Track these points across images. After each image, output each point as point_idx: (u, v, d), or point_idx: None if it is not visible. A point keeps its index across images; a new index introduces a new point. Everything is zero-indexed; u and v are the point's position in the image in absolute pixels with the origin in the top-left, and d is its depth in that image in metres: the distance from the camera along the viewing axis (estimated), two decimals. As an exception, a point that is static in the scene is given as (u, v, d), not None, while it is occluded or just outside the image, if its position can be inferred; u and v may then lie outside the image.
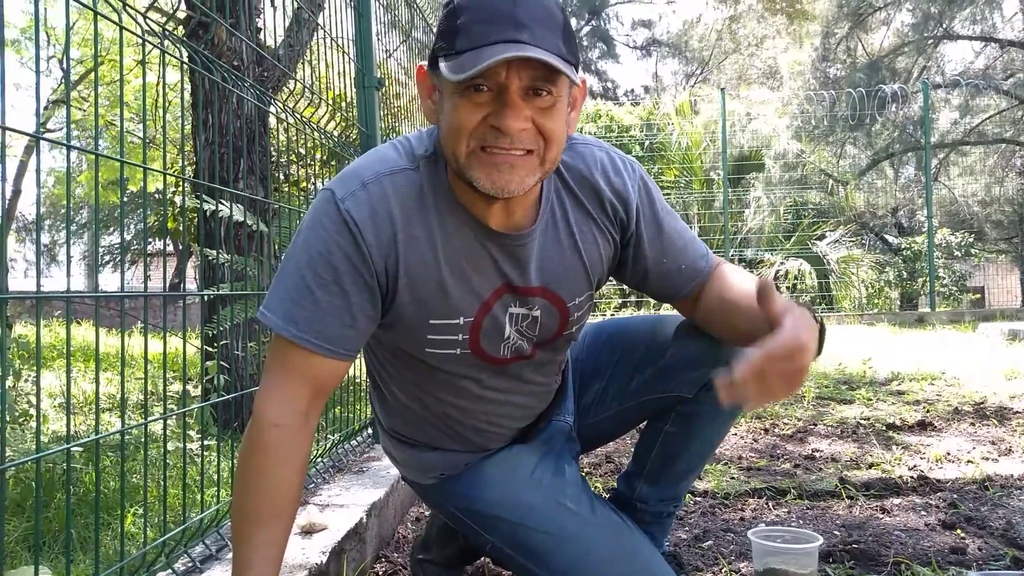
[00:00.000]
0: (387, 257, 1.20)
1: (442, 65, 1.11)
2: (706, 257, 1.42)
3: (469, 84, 1.09)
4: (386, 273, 1.21)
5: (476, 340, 1.31)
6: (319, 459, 2.25)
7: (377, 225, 1.19)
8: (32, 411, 3.11)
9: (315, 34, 3.24)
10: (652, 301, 11.46)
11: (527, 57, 1.05)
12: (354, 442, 2.56)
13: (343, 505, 1.92)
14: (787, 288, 11.72)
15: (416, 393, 1.42)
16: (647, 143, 13.95)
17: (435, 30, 1.18)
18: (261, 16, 3.35)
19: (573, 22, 31.52)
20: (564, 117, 1.16)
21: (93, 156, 1.39)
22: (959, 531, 2.02)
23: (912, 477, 2.54)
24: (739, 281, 1.36)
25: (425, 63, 1.20)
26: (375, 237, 1.18)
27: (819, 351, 1.15)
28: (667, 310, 1.55)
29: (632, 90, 31.22)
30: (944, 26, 14.00)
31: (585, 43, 31.45)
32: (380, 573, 1.86)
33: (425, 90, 1.21)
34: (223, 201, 2.15)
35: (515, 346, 1.35)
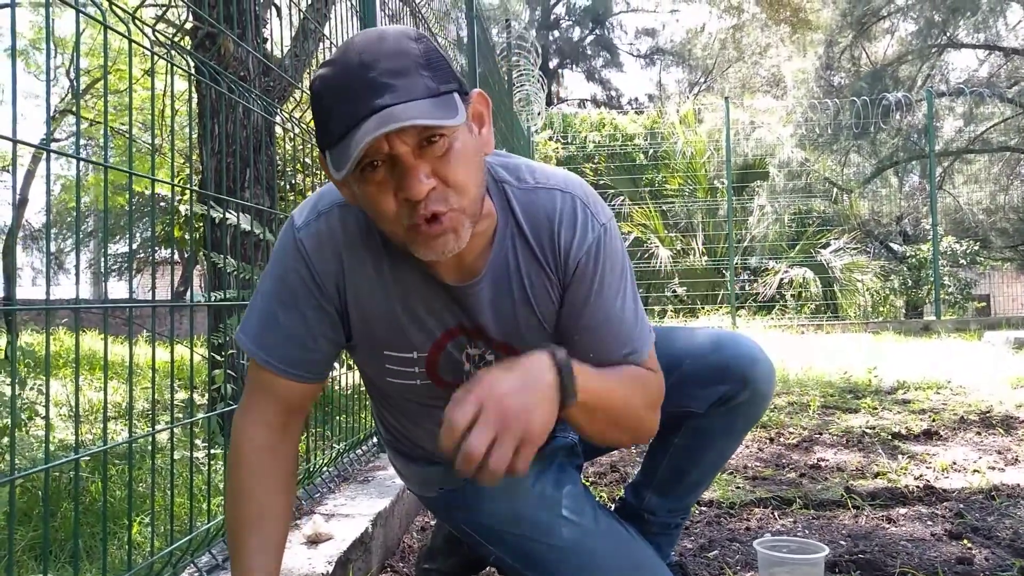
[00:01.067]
0: (337, 286, 1.23)
1: (328, 163, 1.05)
2: (619, 355, 1.24)
3: (362, 167, 1.03)
4: (339, 299, 1.24)
5: (434, 372, 1.30)
6: (325, 468, 2.25)
7: (324, 256, 1.21)
8: (34, 416, 3.12)
9: (321, 44, 3.26)
10: (656, 309, 11.51)
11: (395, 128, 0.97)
12: (359, 451, 2.56)
13: (349, 515, 1.92)
14: (792, 296, 11.71)
15: (399, 416, 1.44)
16: (651, 152, 13.96)
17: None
18: (267, 27, 3.37)
19: (576, 31, 31.66)
20: (468, 152, 1.06)
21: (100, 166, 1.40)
22: (966, 541, 2.01)
23: (918, 487, 2.54)
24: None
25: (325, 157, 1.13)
26: (323, 267, 1.21)
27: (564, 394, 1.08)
28: (675, 320, 1.54)
29: (636, 99, 31.31)
30: (948, 34, 14.00)
31: (589, 52, 31.52)
32: (385, 583, 1.86)
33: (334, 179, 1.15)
34: (230, 211, 2.16)
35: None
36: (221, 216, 2.09)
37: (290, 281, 1.21)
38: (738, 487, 2.63)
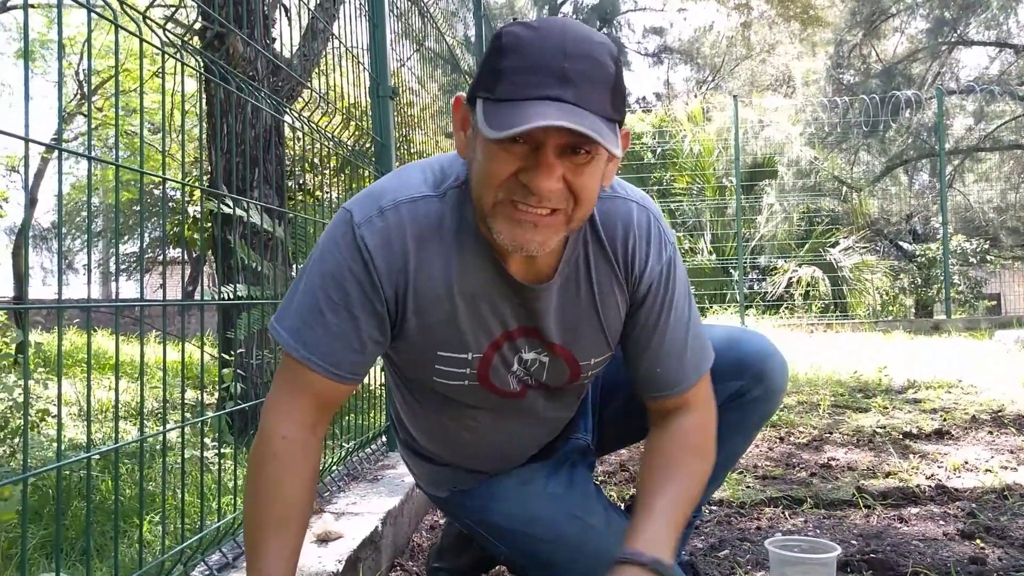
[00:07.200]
0: (396, 286, 1.19)
1: (479, 110, 1.05)
2: (682, 384, 1.31)
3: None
4: (396, 300, 1.20)
5: (484, 375, 1.30)
6: (334, 467, 2.25)
7: (389, 254, 1.17)
8: (44, 414, 3.13)
9: (329, 44, 3.26)
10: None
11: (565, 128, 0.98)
12: (369, 450, 2.56)
13: (358, 513, 1.92)
14: (801, 295, 11.67)
15: (429, 418, 1.43)
16: (659, 150, 13.93)
17: (480, 61, 1.11)
18: (276, 26, 3.38)
19: (585, 30, 31.60)
20: (599, 174, 1.09)
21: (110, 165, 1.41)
22: (978, 541, 2.00)
23: (930, 486, 2.52)
24: (675, 447, 1.31)
25: (463, 94, 1.15)
26: (386, 265, 1.17)
27: None
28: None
29: (644, 97, 31.17)
30: (958, 32, 13.94)
31: (597, 51, 31.42)
32: (395, 581, 1.86)
33: (459, 122, 1.16)
34: (239, 209, 2.16)
35: (524, 381, 1.34)
36: (231, 213, 2.09)
37: (343, 279, 1.17)
38: (748, 486, 2.62)
